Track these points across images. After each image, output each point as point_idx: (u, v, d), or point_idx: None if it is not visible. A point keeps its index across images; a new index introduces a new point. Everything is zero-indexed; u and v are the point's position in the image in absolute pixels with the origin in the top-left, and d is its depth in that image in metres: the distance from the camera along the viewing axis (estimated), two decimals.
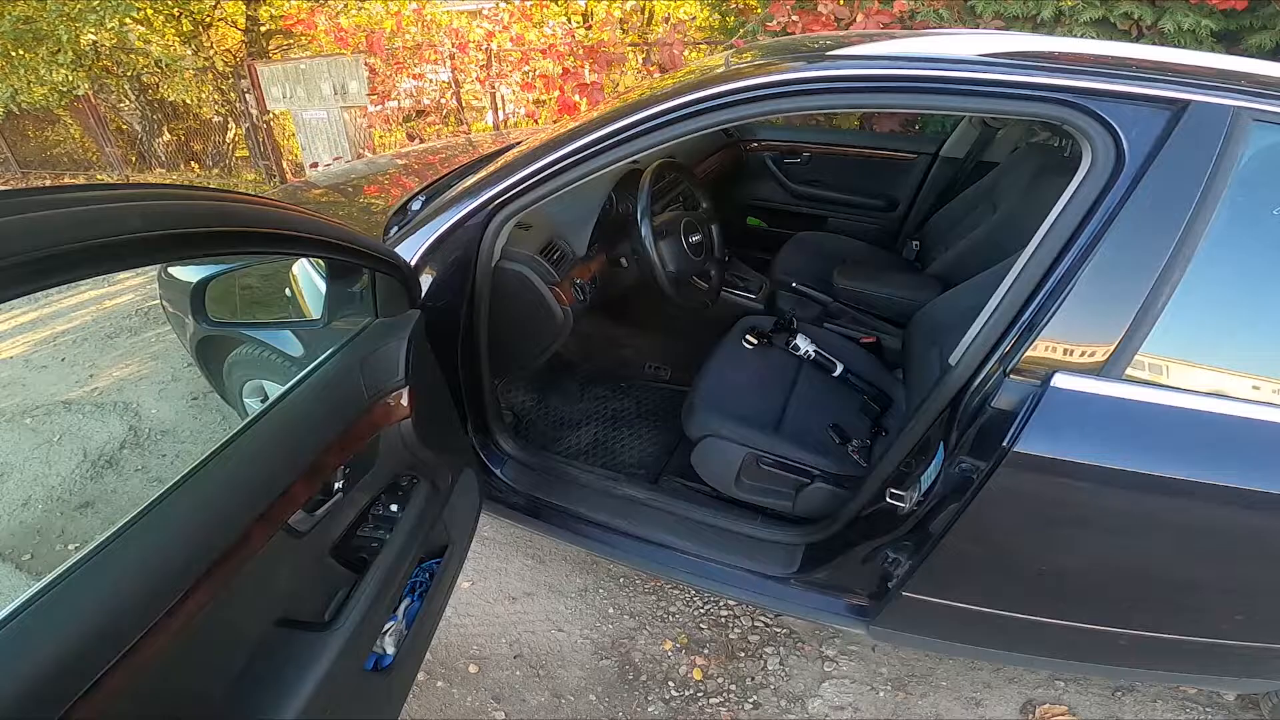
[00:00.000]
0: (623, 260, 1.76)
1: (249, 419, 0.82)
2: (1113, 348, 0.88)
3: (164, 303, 1.84)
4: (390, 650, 1.00)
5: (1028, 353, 0.91)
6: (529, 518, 1.52)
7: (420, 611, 1.07)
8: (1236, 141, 0.83)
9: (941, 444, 1.04)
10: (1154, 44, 2.13)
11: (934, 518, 1.03)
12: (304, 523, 0.86)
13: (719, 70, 1.18)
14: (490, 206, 1.28)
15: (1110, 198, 0.87)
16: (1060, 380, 0.88)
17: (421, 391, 1.07)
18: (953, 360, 1.03)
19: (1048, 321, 0.90)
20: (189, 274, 1.64)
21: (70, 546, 1.92)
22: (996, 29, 2.40)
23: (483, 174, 1.33)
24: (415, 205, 1.50)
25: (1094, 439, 0.88)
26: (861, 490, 1.22)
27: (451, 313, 1.32)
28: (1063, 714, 1.49)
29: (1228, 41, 2.28)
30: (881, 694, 1.53)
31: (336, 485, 0.92)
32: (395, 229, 1.40)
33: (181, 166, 7.11)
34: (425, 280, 1.29)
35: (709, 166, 2.39)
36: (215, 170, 6.92)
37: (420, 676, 1.53)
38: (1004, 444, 0.87)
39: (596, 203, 1.69)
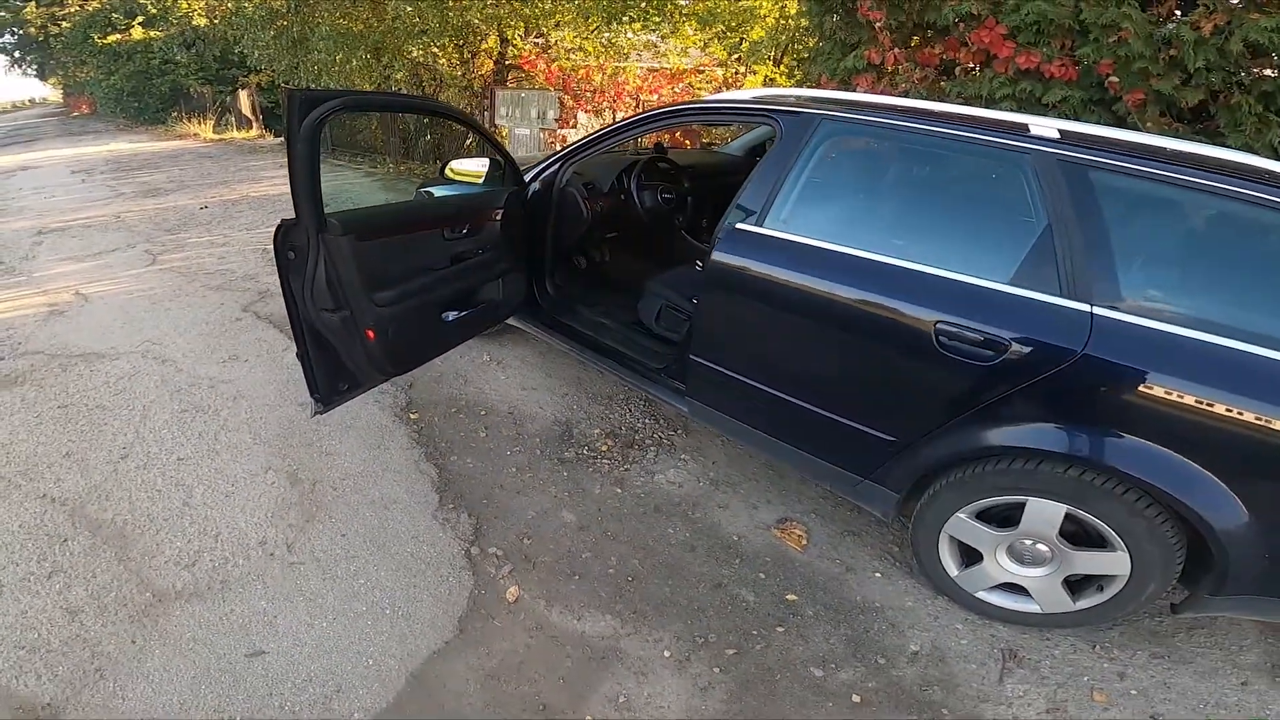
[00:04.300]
0: (623, 196, 3.03)
1: (449, 194, 2.32)
2: (758, 212, 1.94)
3: None
4: (451, 319, 2.30)
5: (730, 219, 1.99)
6: (550, 329, 2.78)
7: (463, 318, 2.37)
8: (815, 129, 1.91)
9: None
10: (1049, 114, 2.83)
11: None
12: (451, 235, 2.26)
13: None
14: (562, 160, 2.68)
15: (773, 152, 1.96)
16: (737, 225, 1.96)
17: (509, 216, 2.51)
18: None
19: (740, 202, 1.99)
20: (440, 191, 3.20)
21: None
22: (961, 104, 3.24)
23: (559, 147, 2.75)
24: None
25: (745, 252, 1.94)
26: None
27: (537, 210, 2.69)
28: (800, 531, 2.29)
29: (1102, 106, 2.93)
30: (702, 484, 2.47)
31: (464, 231, 2.30)
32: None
33: (429, 161, 9.64)
34: (533, 188, 2.70)
35: (731, 179, 3.53)
36: None
37: (451, 410, 2.79)
38: (712, 255, 1.97)
39: (616, 170, 3.01)
